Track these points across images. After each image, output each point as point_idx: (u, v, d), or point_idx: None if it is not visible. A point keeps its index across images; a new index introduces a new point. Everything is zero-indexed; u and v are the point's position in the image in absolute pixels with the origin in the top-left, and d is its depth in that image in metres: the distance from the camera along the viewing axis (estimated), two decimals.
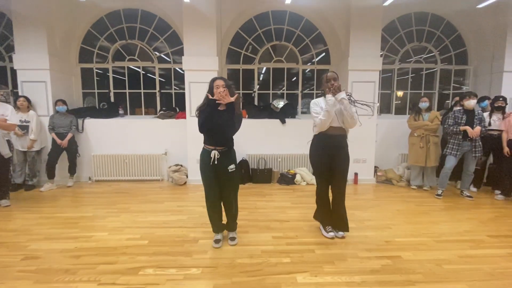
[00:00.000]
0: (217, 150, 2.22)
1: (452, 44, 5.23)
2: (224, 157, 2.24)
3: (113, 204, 3.52)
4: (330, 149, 2.42)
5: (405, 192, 4.13)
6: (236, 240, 2.43)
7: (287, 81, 5.20)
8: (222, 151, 2.23)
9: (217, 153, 2.22)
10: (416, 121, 4.23)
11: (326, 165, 2.44)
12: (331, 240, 2.48)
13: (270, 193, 4.02)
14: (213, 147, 2.24)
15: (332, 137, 2.41)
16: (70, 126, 4.39)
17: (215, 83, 2.20)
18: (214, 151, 2.23)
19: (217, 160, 2.22)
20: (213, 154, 2.22)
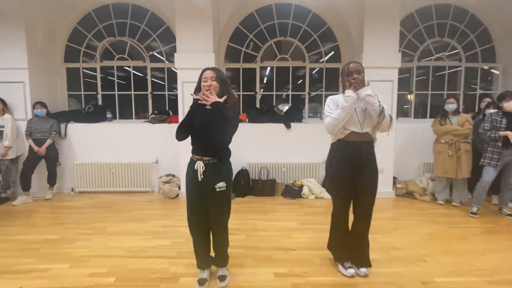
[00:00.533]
0: (203, 161, 1.71)
1: (478, 40, 4.65)
2: (212, 171, 1.71)
3: (88, 222, 3.01)
4: (353, 161, 1.87)
5: (431, 209, 3.53)
6: (227, 280, 1.87)
7: (292, 84, 4.66)
8: (209, 163, 1.71)
9: (202, 164, 1.70)
10: (443, 126, 3.65)
11: (347, 182, 1.89)
12: (351, 280, 1.91)
13: (273, 209, 3.46)
14: (199, 156, 1.73)
15: (355, 146, 1.86)
16: (50, 132, 3.94)
17: (204, 74, 1.71)
18: (199, 162, 1.71)
19: (202, 174, 1.69)
20: (197, 166, 1.70)
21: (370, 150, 1.89)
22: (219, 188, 1.71)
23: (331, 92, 4.78)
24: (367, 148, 1.88)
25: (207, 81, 1.67)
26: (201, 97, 1.62)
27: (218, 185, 1.70)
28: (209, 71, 1.70)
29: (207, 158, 1.71)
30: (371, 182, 1.89)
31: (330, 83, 4.74)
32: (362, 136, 1.85)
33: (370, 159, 1.89)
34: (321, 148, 4.19)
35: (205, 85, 1.67)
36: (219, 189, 1.71)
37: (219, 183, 1.71)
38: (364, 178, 1.87)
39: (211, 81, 1.67)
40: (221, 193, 1.72)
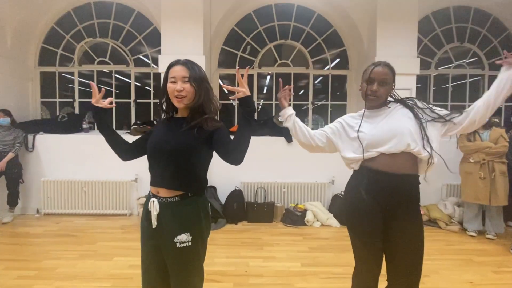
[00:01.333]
0: (159, 198, 1.13)
1: (501, 45, 4.16)
2: (171, 214, 1.11)
3: (38, 259, 2.40)
4: (385, 201, 1.26)
5: (462, 242, 2.91)
6: None
7: (295, 92, 4.15)
8: (167, 202, 1.12)
9: (156, 204, 1.12)
10: (471, 142, 3.09)
11: (376, 233, 1.26)
12: None
13: (270, 243, 2.84)
14: (155, 192, 1.15)
15: (389, 177, 1.25)
16: (13, 144, 3.39)
17: (172, 72, 1.12)
18: (152, 200, 1.13)
19: (154, 220, 1.12)
20: (151, 206, 1.13)
21: (413, 185, 1.28)
22: (180, 242, 1.09)
23: (337, 102, 4.26)
24: (409, 183, 1.26)
25: (177, 82, 1.10)
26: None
27: (178, 238, 1.08)
28: (180, 66, 1.12)
29: (166, 194, 1.12)
30: (416, 239, 1.25)
31: (333, 93, 4.22)
32: (399, 161, 1.23)
33: (411, 200, 1.28)
34: (327, 165, 3.62)
35: (173, 88, 1.10)
36: (181, 245, 1.09)
37: (180, 235, 1.09)
38: (406, 231, 1.25)
39: (182, 83, 1.10)
40: (185, 250, 1.10)
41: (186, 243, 1.09)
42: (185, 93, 1.10)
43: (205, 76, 1.18)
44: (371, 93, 1.28)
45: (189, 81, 1.10)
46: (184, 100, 1.11)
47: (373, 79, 1.27)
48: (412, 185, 1.28)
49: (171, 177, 1.11)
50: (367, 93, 1.30)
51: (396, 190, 1.25)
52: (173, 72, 1.12)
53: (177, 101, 1.11)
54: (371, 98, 1.29)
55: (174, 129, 1.15)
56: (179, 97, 1.10)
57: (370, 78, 1.28)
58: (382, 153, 1.25)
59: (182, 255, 1.10)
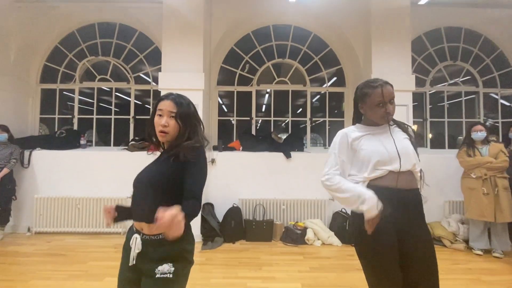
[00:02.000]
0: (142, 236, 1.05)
1: (494, 64, 4.27)
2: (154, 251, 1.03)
3: (26, 278, 2.28)
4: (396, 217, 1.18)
5: (469, 261, 2.80)
6: None
7: (292, 111, 4.18)
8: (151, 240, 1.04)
9: (138, 242, 1.04)
10: (471, 157, 3.07)
11: (392, 252, 1.17)
12: None
13: (269, 262, 2.72)
14: (138, 227, 1.09)
15: (398, 193, 1.21)
16: (8, 159, 3.35)
17: (159, 105, 1.10)
18: (135, 236, 1.06)
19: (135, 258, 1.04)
20: (133, 242, 1.06)
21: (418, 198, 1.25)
22: (161, 273, 0.99)
23: (335, 118, 4.29)
24: (414, 197, 1.24)
25: (163, 117, 1.08)
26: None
27: (159, 269, 1.00)
28: (169, 101, 1.09)
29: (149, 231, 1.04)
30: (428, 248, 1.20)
31: (331, 110, 4.27)
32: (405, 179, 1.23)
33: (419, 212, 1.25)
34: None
35: (159, 123, 1.07)
36: (161, 275, 0.99)
37: (162, 266, 1.00)
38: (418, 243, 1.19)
39: (167, 118, 1.07)
40: (163, 281, 0.99)
41: (167, 274, 1.00)
42: (168, 130, 1.07)
43: (194, 112, 1.14)
44: (386, 114, 1.26)
45: (175, 118, 1.08)
46: (167, 136, 1.08)
47: (385, 101, 1.25)
48: (419, 198, 1.26)
49: (151, 212, 0.93)
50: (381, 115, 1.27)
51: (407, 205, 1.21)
52: (161, 105, 1.10)
53: (160, 136, 1.09)
54: (390, 118, 1.29)
55: (156, 161, 1.13)
56: (162, 132, 1.07)
57: (376, 94, 1.26)
58: (391, 171, 1.23)
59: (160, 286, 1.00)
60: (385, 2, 3.43)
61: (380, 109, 1.26)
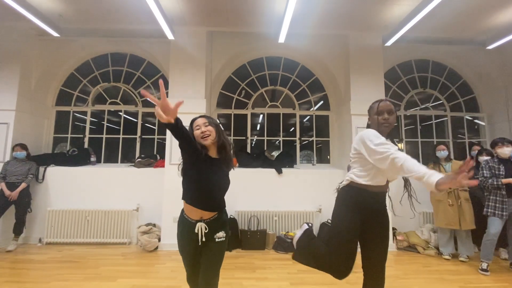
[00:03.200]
0: (204, 221, 1.54)
1: (459, 91, 4.89)
2: (214, 227, 1.56)
3: (47, 280, 2.59)
4: (368, 211, 1.65)
5: (438, 265, 3.19)
6: None
7: (284, 132, 4.69)
8: (210, 221, 1.55)
9: (204, 226, 1.53)
10: None
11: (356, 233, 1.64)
12: None
13: (263, 266, 3.07)
14: (198, 216, 1.54)
15: (375, 196, 1.65)
16: (26, 175, 3.70)
17: (195, 123, 1.58)
18: (200, 224, 1.53)
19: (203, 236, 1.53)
20: (198, 229, 1.53)
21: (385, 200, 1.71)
22: (218, 238, 1.56)
23: (322, 138, 4.78)
24: (384, 199, 1.70)
25: (200, 128, 1.55)
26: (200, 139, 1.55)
27: (217, 236, 1.56)
28: (200, 118, 1.59)
29: (208, 216, 1.54)
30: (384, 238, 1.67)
31: (321, 130, 4.78)
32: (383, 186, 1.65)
33: (384, 210, 1.70)
34: (314, 195, 4.00)
35: (199, 133, 1.54)
36: (219, 240, 1.56)
37: (218, 233, 1.57)
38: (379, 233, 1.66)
39: (204, 127, 1.54)
40: (220, 243, 1.57)
41: (222, 238, 1.58)
42: (208, 133, 1.54)
43: (219, 124, 1.64)
44: (384, 121, 1.61)
45: (209, 124, 1.57)
46: (209, 138, 1.53)
47: (383, 111, 1.61)
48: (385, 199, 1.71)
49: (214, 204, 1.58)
50: (380, 122, 1.60)
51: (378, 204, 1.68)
52: (196, 123, 1.58)
53: (204, 140, 1.53)
54: (386, 125, 1.62)
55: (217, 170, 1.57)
56: (204, 136, 1.53)
57: (379, 111, 1.62)
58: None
59: (218, 246, 1.56)
60: (361, 41, 4.04)
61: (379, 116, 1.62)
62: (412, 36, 3.93)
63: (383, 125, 1.62)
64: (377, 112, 1.64)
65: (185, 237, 1.56)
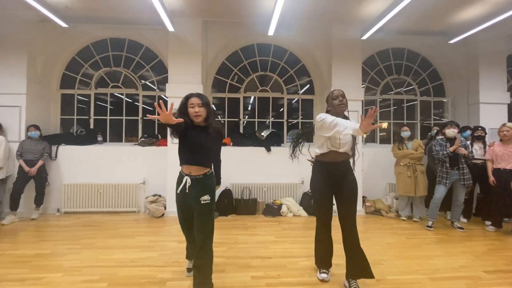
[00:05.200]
0: (191, 176, 1.94)
1: (429, 77, 5.47)
2: (198, 186, 1.92)
3: (77, 239, 3.16)
4: (334, 178, 2.18)
5: (395, 224, 3.95)
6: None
7: (275, 112, 5.21)
8: (195, 178, 1.93)
9: (189, 180, 1.95)
10: (400, 150, 4.21)
11: (328, 195, 2.20)
12: (317, 281, 2.23)
13: (254, 226, 3.75)
14: (187, 171, 1.96)
15: (336, 165, 2.18)
16: (42, 153, 4.13)
17: (190, 101, 1.89)
18: (186, 177, 1.96)
19: (188, 189, 1.94)
20: (185, 181, 1.95)
21: (348, 166, 2.24)
22: (203, 200, 1.90)
23: (307, 120, 5.34)
24: (346, 166, 2.21)
25: (194, 107, 1.87)
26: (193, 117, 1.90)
27: (202, 198, 1.90)
28: (195, 98, 1.89)
29: (195, 173, 1.95)
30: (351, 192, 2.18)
31: (305, 112, 5.32)
32: (341, 156, 2.17)
33: (349, 174, 2.22)
34: (298, 169, 4.59)
35: (193, 111, 1.87)
36: (204, 202, 1.90)
37: (203, 196, 1.91)
38: (345, 190, 2.18)
39: (197, 108, 1.87)
40: (205, 205, 1.90)
41: (206, 200, 1.95)
42: (200, 113, 1.90)
43: (210, 103, 2.00)
44: (339, 102, 2.13)
45: (202, 106, 1.91)
46: (200, 117, 1.91)
47: (337, 96, 2.17)
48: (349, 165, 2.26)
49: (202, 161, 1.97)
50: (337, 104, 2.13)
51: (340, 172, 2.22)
52: (191, 101, 1.90)
53: (196, 118, 1.91)
54: (341, 106, 2.13)
55: (202, 134, 1.96)
56: (196, 116, 1.90)
57: (335, 96, 2.18)
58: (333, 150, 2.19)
59: (204, 207, 1.93)
60: (342, 34, 4.48)
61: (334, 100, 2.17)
62: (389, 27, 4.38)
63: (339, 106, 2.15)
64: (332, 97, 2.20)
65: (178, 189, 1.96)
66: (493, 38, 4.78)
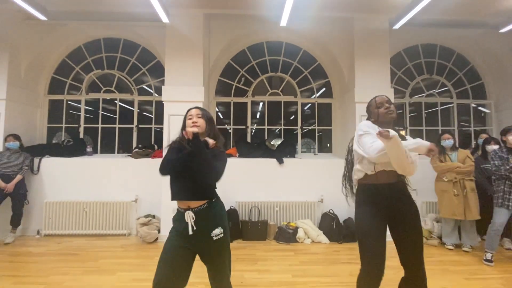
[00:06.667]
0: (191, 210, 1.44)
1: (466, 77, 4.72)
2: (204, 217, 1.44)
3: (46, 274, 2.54)
4: (387, 204, 1.61)
5: (441, 255, 3.16)
6: None
7: (285, 120, 4.56)
8: (199, 210, 1.44)
9: (191, 214, 1.43)
10: (443, 162, 3.45)
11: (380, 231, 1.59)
12: None
13: (264, 257, 3.03)
14: (185, 206, 1.46)
15: (388, 187, 1.62)
16: (21, 167, 3.60)
17: (189, 112, 1.60)
18: (187, 212, 1.44)
19: (191, 229, 1.42)
20: (187, 217, 1.43)
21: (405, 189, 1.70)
22: (216, 236, 1.42)
23: (324, 127, 4.65)
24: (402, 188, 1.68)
25: (193, 118, 1.55)
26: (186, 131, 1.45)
27: (214, 233, 1.42)
28: (194, 109, 1.60)
29: (195, 205, 1.45)
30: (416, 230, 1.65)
31: (323, 118, 4.65)
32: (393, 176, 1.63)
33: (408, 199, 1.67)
34: (316, 185, 3.92)
35: (190, 122, 1.53)
36: (216, 237, 1.43)
37: (215, 230, 1.42)
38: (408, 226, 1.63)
39: (196, 118, 1.55)
40: (219, 241, 1.44)
41: (220, 235, 1.44)
42: (198, 123, 1.53)
43: (213, 119, 1.63)
44: (387, 110, 1.65)
45: (202, 117, 1.56)
46: (199, 128, 1.49)
47: (382, 103, 1.68)
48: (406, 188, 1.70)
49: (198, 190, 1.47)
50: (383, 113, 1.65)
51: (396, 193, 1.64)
52: (190, 112, 1.59)
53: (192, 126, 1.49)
54: (390, 113, 1.65)
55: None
56: (194, 125, 1.50)
57: (378, 103, 1.69)
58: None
59: (217, 245, 1.44)
60: (366, 24, 3.84)
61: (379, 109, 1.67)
62: (421, 19, 3.71)
63: (387, 114, 1.66)
64: (376, 106, 1.70)
65: (175, 229, 1.48)
66: None
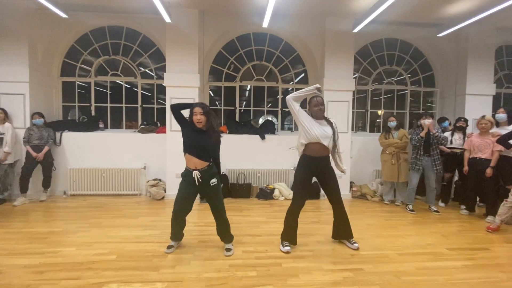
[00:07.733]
0: (197, 170, 2.36)
1: (420, 68, 5.63)
2: (206, 174, 2.40)
3: (85, 219, 3.46)
4: (315, 170, 2.65)
5: (378, 207, 4.28)
6: (232, 251, 2.56)
7: (272, 98, 5.40)
8: (203, 170, 2.38)
9: (198, 173, 2.36)
10: (386, 139, 4.47)
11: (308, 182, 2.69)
12: (299, 254, 2.56)
13: (247, 208, 4.06)
14: (193, 167, 2.37)
15: (317, 160, 2.60)
16: (47, 139, 4.35)
17: (194, 109, 2.34)
18: (195, 171, 2.36)
19: (197, 181, 2.37)
20: (195, 175, 2.36)
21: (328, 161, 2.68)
22: (212, 183, 2.42)
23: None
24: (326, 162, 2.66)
25: (197, 115, 2.33)
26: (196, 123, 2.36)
27: (211, 181, 2.42)
28: (198, 107, 2.35)
29: (201, 167, 2.38)
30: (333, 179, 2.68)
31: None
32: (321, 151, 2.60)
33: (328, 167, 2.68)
34: (290, 156, 4.89)
35: (195, 118, 2.33)
36: (213, 184, 2.42)
37: (212, 180, 2.42)
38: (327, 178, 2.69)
39: (200, 115, 2.33)
40: (215, 186, 2.44)
41: (215, 182, 2.41)
42: (201, 120, 2.35)
43: (211, 111, 2.41)
44: (318, 109, 2.61)
45: (203, 114, 2.35)
46: (201, 124, 2.35)
47: (317, 104, 2.62)
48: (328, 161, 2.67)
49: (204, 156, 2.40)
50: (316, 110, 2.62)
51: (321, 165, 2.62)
52: (195, 110, 2.35)
53: (197, 124, 2.36)
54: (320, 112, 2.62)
55: (203, 136, 2.38)
56: (198, 122, 2.34)
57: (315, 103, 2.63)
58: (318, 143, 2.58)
59: (214, 188, 2.43)
60: (335, 26, 4.59)
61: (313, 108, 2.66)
62: (382, 19, 4.48)
63: (318, 112, 2.64)
64: (313, 105, 2.66)
65: (186, 181, 2.42)
66: (483, 31, 4.91)
